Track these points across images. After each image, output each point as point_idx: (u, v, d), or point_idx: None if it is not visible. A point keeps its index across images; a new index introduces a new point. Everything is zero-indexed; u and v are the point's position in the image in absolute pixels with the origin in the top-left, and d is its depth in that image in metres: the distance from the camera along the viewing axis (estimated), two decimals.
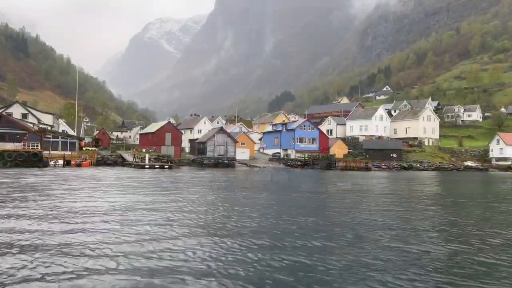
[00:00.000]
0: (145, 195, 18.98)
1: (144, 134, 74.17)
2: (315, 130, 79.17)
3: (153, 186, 23.83)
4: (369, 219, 13.66)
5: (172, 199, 17.57)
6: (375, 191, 25.93)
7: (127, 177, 29.83)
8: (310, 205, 17.65)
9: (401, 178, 43.26)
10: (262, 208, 15.69)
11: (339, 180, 35.95)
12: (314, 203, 18.78)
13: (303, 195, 21.91)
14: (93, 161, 50.87)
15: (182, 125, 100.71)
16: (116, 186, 22.61)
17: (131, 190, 20.96)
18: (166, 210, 14.01)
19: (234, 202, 17.42)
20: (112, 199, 16.90)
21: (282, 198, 19.85)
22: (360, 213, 15.16)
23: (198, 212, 14.06)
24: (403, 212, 16.09)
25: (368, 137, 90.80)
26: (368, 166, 61.00)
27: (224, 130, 66.53)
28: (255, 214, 14.05)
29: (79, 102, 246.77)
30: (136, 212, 13.50)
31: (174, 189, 22.16)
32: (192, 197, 18.61)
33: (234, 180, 32.44)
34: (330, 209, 16.56)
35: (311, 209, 16.32)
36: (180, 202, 16.54)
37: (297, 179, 37.51)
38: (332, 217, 14.30)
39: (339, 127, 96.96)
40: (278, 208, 16.02)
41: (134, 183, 24.14)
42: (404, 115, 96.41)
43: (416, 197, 22.86)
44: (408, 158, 80.00)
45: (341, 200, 20.08)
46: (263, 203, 17.69)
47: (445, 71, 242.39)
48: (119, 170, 41.98)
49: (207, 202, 16.98)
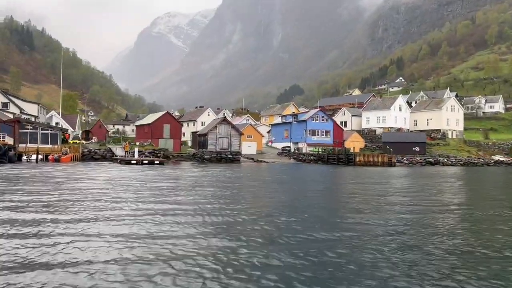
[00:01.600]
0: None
1: (140, 126, 67.57)
2: (329, 121, 71.81)
3: (103, 195, 16.11)
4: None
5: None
6: (436, 199, 18.90)
7: (90, 177, 23.22)
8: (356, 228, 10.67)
9: (438, 176, 36.26)
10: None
11: (366, 179, 28.99)
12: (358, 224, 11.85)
13: (337, 206, 15.18)
14: (77, 155, 44.61)
15: (184, 117, 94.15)
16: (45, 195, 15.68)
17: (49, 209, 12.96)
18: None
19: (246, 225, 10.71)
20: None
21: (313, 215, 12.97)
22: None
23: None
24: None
25: (386, 129, 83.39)
26: (392, 161, 53.89)
27: (228, 121, 59.39)
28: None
29: (85, 96, 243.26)
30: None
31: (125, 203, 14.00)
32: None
33: (238, 179, 25.63)
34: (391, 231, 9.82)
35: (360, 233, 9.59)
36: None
37: (315, 177, 30.78)
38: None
39: (354, 118, 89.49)
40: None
41: (83, 190, 17.37)
42: (425, 105, 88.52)
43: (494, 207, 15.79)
44: (431, 152, 72.54)
45: (394, 213, 13.23)
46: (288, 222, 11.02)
47: (460, 62, 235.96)
48: (100, 166, 35.55)
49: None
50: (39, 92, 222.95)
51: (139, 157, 41.86)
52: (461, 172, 45.10)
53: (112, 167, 35.04)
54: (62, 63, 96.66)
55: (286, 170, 39.38)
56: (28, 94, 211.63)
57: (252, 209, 13.18)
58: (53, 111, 79.77)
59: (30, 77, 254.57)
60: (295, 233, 9.37)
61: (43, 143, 44.00)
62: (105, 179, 21.86)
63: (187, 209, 12.36)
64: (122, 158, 40.57)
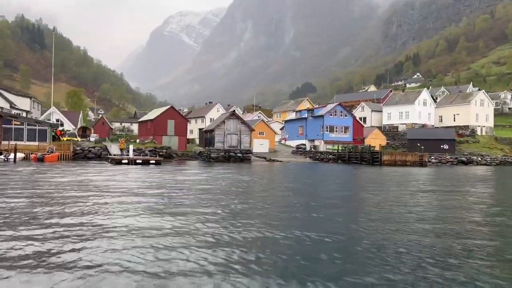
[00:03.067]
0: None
1: (143, 123, 62.39)
2: (349, 116, 65.60)
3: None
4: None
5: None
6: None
7: (54, 184, 17.92)
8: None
9: (487, 178, 30.27)
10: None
11: (415, 183, 23.13)
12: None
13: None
14: (68, 154, 39.66)
15: (192, 114, 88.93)
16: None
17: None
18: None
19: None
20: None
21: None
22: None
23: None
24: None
25: (410, 125, 76.92)
26: (424, 161, 47.74)
27: (237, 115, 53.44)
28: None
29: (95, 94, 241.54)
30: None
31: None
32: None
33: (246, 187, 19.99)
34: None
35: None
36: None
37: (345, 184, 25.11)
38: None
39: (374, 114, 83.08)
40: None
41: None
42: (452, 99, 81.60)
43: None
44: (460, 150, 65.99)
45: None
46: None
47: (480, 57, 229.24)
48: (83, 167, 30.34)
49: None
50: (49, 90, 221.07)
51: (132, 156, 36.55)
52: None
53: (97, 168, 29.80)
54: (53, 50, 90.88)
55: (304, 172, 33.79)
56: (37, 92, 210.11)
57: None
58: (53, 107, 75.36)
59: (40, 75, 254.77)
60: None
61: (30, 140, 39.27)
62: (47, 190, 16.38)
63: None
64: (112, 157, 35.38)
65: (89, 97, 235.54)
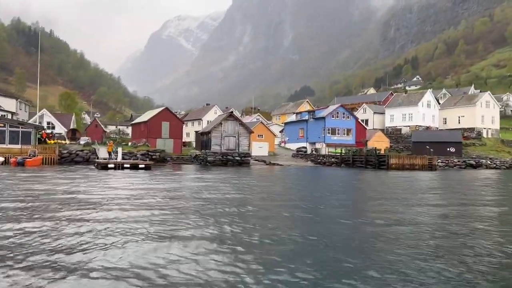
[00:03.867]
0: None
1: (136, 125, 59.57)
2: (351, 118, 62.98)
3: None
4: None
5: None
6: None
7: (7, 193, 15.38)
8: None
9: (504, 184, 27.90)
10: None
11: (428, 191, 20.56)
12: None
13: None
14: (53, 157, 36.98)
15: (189, 116, 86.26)
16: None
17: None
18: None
19: None
20: None
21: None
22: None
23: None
24: None
25: (413, 127, 74.43)
26: (433, 164, 45.12)
27: (235, 116, 50.39)
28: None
29: (92, 97, 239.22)
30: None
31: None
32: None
33: (243, 195, 17.42)
34: None
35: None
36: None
37: (352, 187, 22.66)
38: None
39: (376, 116, 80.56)
40: None
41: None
42: (456, 101, 79.18)
43: None
44: (467, 153, 63.52)
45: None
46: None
47: (479, 60, 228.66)
48: (64, 173, 27.60)
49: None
50: (44, 94, 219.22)
51: (119, 160, 33.77)
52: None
53: (78, 173, 27.09)
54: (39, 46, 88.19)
55: (307, 177, 31.21)
56: (33, 95, 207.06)
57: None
58: (44, 110, 72.78)
59: (36, 78, 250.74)
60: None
61: (13, 143, 36.61)
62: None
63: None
64: (98, 162, 32.68)
65: (85, 100, 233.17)
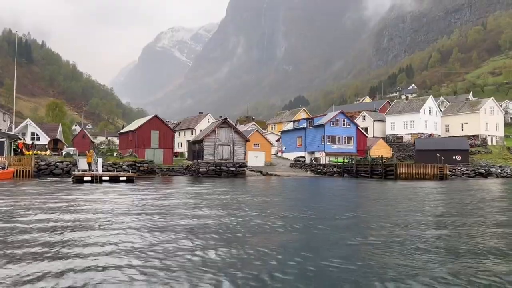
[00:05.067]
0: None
1: (124, 134, 55.77)
2: (352, 126, 59.68)
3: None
4: None
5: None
6: None
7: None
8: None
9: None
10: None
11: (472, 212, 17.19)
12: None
13: None
14: (28, 170, 33.32)
15: (181, 125, 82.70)
16: None
17: None
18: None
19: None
20: None
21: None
22: None
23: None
24: None
25: (415, 135, 71.37)
26: (444, 173, 41.83)
27: (230, 123, 46.47)
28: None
29: (84, 108, 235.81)
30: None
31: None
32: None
33: (245, 224, 14.02)
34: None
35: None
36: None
37: (363, 200, 19.46)
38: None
39: (376, 124, 77.46)
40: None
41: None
42: (459, 107, 76.42)
43: None
44: (473, 161, 60.49)
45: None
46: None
47: (474, 68, 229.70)
48: (29, 187, 23.97)
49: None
50: (35, 105, 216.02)
51: (97, 172, 30.08)
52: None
53: (44, 188, 23.42)
54: (15, 55, 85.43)
55: (309, 189, 27.79)
56: (23, 107, 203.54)
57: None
58: (28, 120, 69.26)
59: (27, 90, 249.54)
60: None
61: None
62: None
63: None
64: (74, 174, 29.07)
65: (77, 111, 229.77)
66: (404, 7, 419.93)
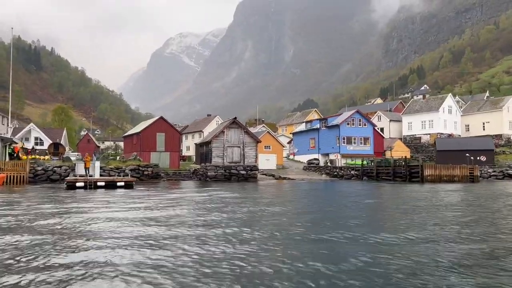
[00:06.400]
0: None
1: (129, 137, 53.12)
2: (368, 126, 56.31)
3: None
4: None
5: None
6: None
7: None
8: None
9: None
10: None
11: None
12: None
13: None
14: (23, 175, 30.82)
15: (189, 128, 79.97)
16: None
17: None
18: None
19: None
20: None
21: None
22: None
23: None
24: None
25: (434, 135, 67.75)
26: (475, 175, 38.41)
27: (239, 124, 43.18)
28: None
29: (93, 114, 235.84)
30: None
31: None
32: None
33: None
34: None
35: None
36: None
37: (407, 209, 16.40)
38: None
39: (392, 124, 73.94)
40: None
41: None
42: (479, 106, 72.69)
43: None
44: (498, 162, 56.79)
45: None
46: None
47: (487, 67, 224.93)
48: (18, 195, 21.25)
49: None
50: (44, 111, 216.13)
51: (90, 177, 27.25)
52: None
53: (29, 196, 20.69)
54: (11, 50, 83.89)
55: (328, 195, 24.69)
56: (33, 113, 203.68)
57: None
58: (31, 124, 67.36)
59: (36, 97, 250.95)
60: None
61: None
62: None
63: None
64: (68, 180, 26.34)
65: (86, 117, 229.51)
66: (413, 8, 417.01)
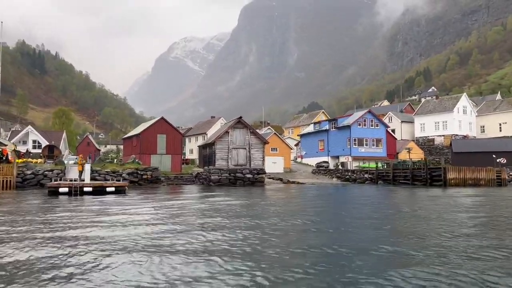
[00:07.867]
0: None
1: (128, 139, 50.48)
2: (381, 127, 53.29)
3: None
4: None
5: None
6: None
7: None
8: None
9: None
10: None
11: None
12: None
13: None
14: (10, 180, 28.28)
15: (192, 130, 77.39)
16: None
17: None
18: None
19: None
20: None
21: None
22: None
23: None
24: None
25: (448, 137, 64.69)
26: (502, 178, 35.43)
27: (245, 123, 40.25)
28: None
29: (97, 118, 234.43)
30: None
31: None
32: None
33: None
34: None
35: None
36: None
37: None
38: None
39: (404, 125, 70.92)
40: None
41: None
42: (495, 106, 69.64)
43: None
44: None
45: None
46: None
47: (495, 69, 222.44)
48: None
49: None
50: (48, 115, 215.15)
51: (75, 182, 24.54)
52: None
53: (23, 202, 17.97)
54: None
55: (344, 201, 21.87)
56: (36, 117, 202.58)
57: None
58: (29, 127, 65.15)
59: (40, 101, 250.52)
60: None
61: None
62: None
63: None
64: (50, 185, 23.71)
65: (89, 121, 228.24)
66: (417, 11, 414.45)
